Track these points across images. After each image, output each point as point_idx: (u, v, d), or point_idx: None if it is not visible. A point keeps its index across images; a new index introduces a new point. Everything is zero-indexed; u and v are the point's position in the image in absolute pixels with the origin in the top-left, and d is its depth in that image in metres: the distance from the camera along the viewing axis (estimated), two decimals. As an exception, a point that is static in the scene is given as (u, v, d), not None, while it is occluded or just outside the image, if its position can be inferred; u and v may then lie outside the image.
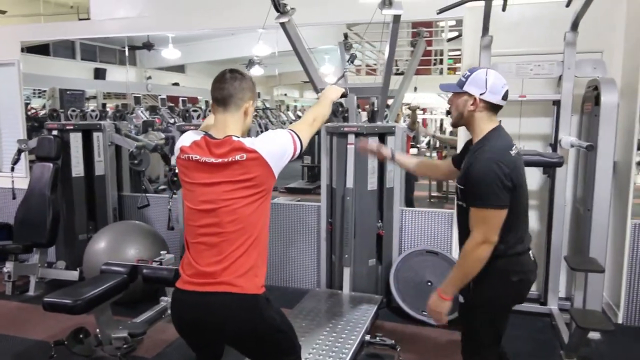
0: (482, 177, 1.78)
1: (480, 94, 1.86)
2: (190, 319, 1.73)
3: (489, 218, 1.79)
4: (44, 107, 10.75)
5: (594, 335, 3.25)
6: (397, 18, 3.00)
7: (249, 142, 1.65)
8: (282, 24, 3.24)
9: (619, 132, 3.18)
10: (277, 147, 1.69)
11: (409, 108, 7.09)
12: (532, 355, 3.06)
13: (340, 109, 3.53)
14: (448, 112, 2.01)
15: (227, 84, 1.71)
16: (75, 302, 2.61)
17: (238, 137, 1.68)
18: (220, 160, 1.64)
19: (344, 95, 2.17)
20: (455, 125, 1.99)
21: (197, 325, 1.72)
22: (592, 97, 3.21)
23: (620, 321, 3.43)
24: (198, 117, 4.16)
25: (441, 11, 3.09)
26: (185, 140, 1.74)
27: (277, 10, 3.16)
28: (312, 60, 3.44)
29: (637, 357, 3.09)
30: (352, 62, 3.48)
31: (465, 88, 1.88)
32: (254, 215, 1.67)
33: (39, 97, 11.78)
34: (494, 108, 1.89)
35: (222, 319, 1.67)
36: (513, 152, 1.86)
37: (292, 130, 1.76)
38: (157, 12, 4.58)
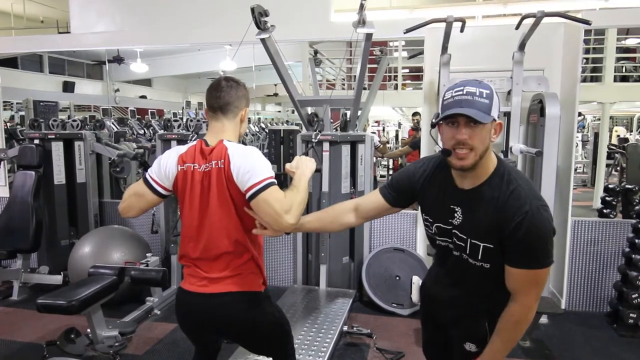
0: (542, 236, 1.31)
1: (498, 116, 1.33)
2: (195, 318, 1.71)
3: (543, 278, 1.37)
4: (11, 118, 10.29)
5: (542, 319, 3.46)
6: (369, 36, 3.10)
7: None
8: (263, 40, 3.28)
9: (560, 140, 3.40)
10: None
11: (380, 142, 7.66)
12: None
13: (315, 119, 3.60)
14: (447, 152, 1.35)
15: (224, 93, 1.66)
16: (70, 302, 2.53)
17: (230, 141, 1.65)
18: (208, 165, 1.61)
19: (317, 171, 1.79)
20: (472, 167, 1.34)
21: (202, 324, 1.71)
22: (537, 110, 3.42)
23: (563, 307, 3.64)
24: (179, 126, 4.13)
25: (407, 31, 3.22)
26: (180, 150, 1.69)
27: (258, 27, 3.19)
28: (290, 75, 3.49)
29: (579, 337, 3.30)
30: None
31: (492, 113, 1.30)
32: (252, 218, 1.62)
33: (5, 109, 11.27)
34: None
35: (227, 317, 1.66)
36: None
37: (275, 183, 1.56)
38: (137, 26, 4.51)
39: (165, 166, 1.66)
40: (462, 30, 3.22)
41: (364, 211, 1.66)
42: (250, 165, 1.55)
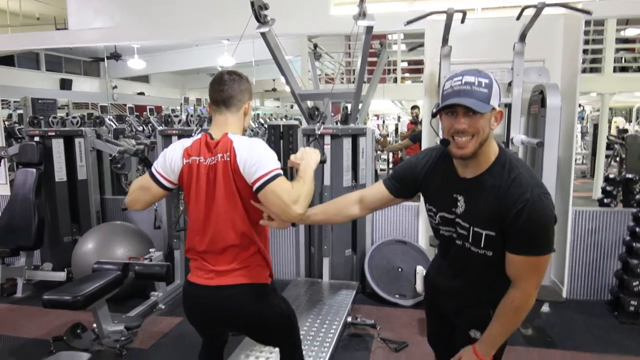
0: (543, 223, 1.32)
1: (498, 105, 1.35)
2: (202, 310, 1.73)
3: (543, 265, 1.38)
4: (9, 116, 10.28)
5: (544, 308, 3.49)
6: (369, 29, 3.11)
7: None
8: (263, 34, 3.28)
9: (561, 130, 3.41)
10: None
11: (381, 135, 7.65)
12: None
13: (316, 112, 3.61)
14: (445, 142, 1.38)
15: (227, 86, 1.67)
16: (75, 298, 2.55)
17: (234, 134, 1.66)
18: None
19: (322, 162, 1.80)
20: (472, 155, 1.36)
21: (210, 316, 1.73)
22: (538, 100, 3.43)
23: (564, 295, 3.66)
24: (179, 122, 4.14)
25: (408, 23, 3.23)
26: (186, 143, 1.70)
27: (258, 21, 3.19)
28: (291, 69, 3.49)
29: (580, 325, 3.34)
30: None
31: (492, 102, 1.32)
32: (258, 211, 1.63)
33: (3, 107, 11.28)
34: None
35: (234, 309, 1.67)
36: None
37: (281, 174, 1.56)
38: (135, 22, 4.50)
39: (171, 159, 1.67)
40: (462, 22, 3.23)
41: (368, 202, 1.68)
42: (256, 158, 1.56)
